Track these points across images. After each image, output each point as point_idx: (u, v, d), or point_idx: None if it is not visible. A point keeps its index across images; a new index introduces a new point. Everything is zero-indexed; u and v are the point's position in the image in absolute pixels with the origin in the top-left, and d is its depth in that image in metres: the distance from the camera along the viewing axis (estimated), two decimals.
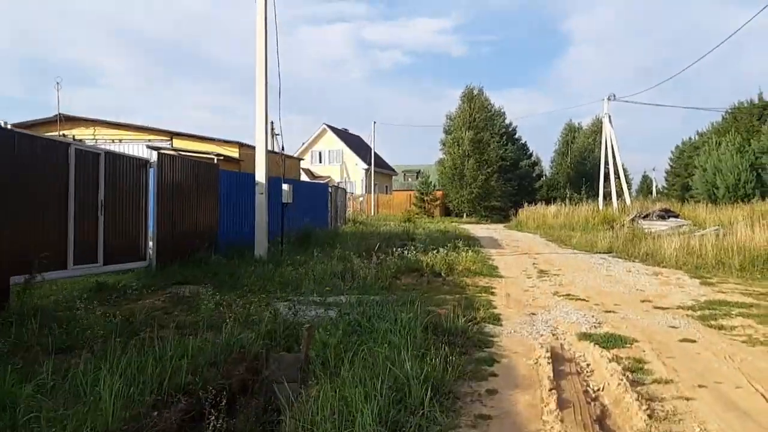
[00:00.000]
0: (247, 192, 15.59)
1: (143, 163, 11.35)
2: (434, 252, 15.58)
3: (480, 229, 36.18)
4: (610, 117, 41.92)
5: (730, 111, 53.80)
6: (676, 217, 30.30)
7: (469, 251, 16.86)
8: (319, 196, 26.39)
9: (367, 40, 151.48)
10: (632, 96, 63.39)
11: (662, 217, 29.83)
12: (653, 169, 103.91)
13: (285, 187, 15.67)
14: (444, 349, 6.08)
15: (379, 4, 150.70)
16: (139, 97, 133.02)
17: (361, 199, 58.11)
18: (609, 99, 41.90)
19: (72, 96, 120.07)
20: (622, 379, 5.48)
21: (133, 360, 5.23)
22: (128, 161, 10.87)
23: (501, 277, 13.77)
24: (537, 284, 12.69)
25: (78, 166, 9.31)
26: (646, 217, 31.37)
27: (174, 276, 11.14)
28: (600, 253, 20.46)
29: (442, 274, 13.23)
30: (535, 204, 45.45)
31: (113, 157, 10.38)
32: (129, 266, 10.91)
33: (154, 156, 11.59)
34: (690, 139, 76.65)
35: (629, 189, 46.70)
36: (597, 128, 73.79)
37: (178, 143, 21.04)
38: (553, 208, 41.22)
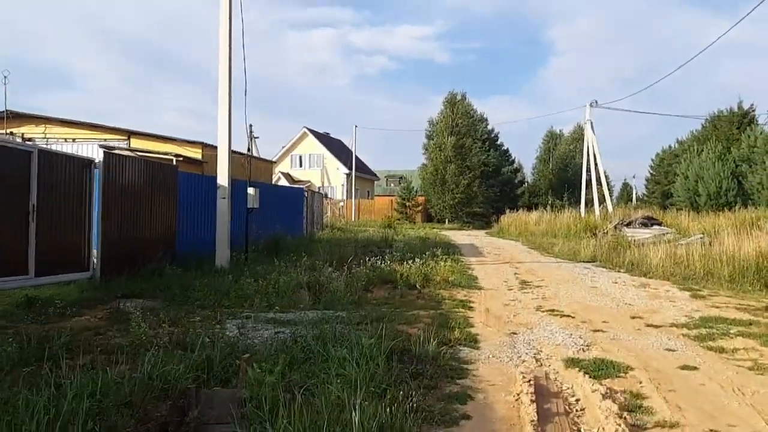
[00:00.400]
0: (209, 196, 14.56)
1: (86, 163, 10.27)
2: (411, 261, 14.66)
3: (461, 236, 35.35)
4: (592, 123, 41.45)
5: (710, 119, 53.61)
6: (659, 224, 29.69)
7: (448, 260, 15.98)
8: (294, 202, 25.38)
9: (352, 45, 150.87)
10: (614, 102, 63.18)
11: (645, 225, 29.21)
12: (633, 177, 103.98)
13: (250, 191, 14.67)
14: (409, 383, 5.14)
15: (364, 10, 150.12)
16: (119, 100, 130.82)
17: (341, 204, 57.10)
18: (591, 105, 41.45)
19: (47, 98, 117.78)
20: (619, 424, 4.56)
21: (11, 402, 4.18)
22: (68, 161, 9.79)
23: (481, 288, 12.86)
24: (519, 297, 11.80)
25: (3, 165, 8.24)
26: (629, 224, 30.73)
27: (120, 289, 10.07)
28: (583, 262, 19.68)
29: (418, 286, 12.30)
30: (517, 210, 44.74)
31: (49, 156, 9.31)
32: (69, 278, 9.83)
33: (99, 155, 10.51)
34: (670, 147, 76.47)
35: (611, 196, 46.19)
36: (578, 135, 73.56)
37: (136, 143, 19.86)
38: (535, 214, 40.51)
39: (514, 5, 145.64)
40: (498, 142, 63.44)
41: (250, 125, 59.40)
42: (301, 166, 64.48)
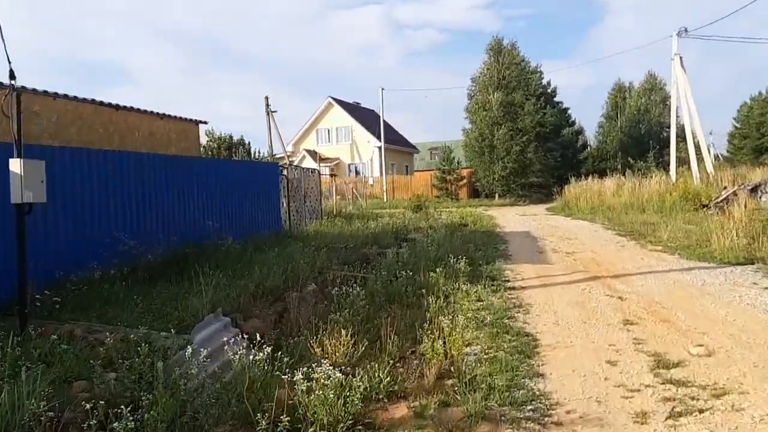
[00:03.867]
0: None
1: None
2: (406, 282, 6.59)
3: (514, 217, 26.48)
4: (681, 59, 31.56)
5: None
6: None
7: (479, 283, 7.64)
8: (263, 184, 17.22)
9: (399, 20, 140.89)
10: (705, 28, 50.29)
11: None
12: (710, 133, 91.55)
13: (15, 166, 6.54)
14: None
15: None
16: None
17: (371, 182, 48.71)
18: (679, 35, 31.57)
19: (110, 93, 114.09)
20: None
21: None
22: None
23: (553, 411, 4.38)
24: None
25: None
26: (753, 190, 21.40)
27: None
28: (734, 264, 10.86)
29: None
30: (585, 178, 35.40)
31: None
32: None
33: None
34: (760, 93, 65.20)
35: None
36: (652, 85, 62.98)
37: None
38: (610, 181, 31.18)
39: None
40: (555, 99, 53.73)
41: (266, 97, 51.83)
42: (328, 140, 56.35)
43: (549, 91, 52.38)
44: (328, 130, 56.46)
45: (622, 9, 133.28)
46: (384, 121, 55.10)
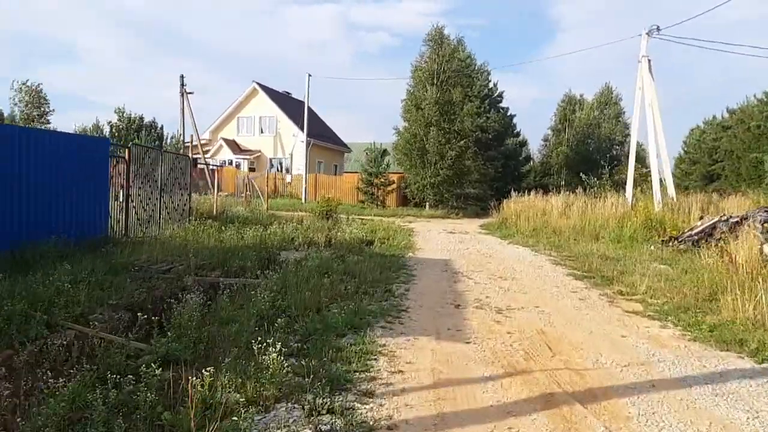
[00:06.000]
0: None
1: None
2: None
3: (439, 234, 21.44)
4: (650, 62, 27.27)
5: None
6: None
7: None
8: (77, 166, 11.60)
9: (354, 22, 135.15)
10: (677, 26, 46.39)
11: None
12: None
13: None
14: None
15: None
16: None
17: (289, 179, 43.17)
18: (649, 34, 27.27)
19: (52, 71, 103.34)
20: None
21: None
22: None
23: None
24: None
25: None
26: (738, 224, 16.99)
27: None
28: None
29: None
30: (528, 193, 30.76)
31: None
32: None
33: None
34: (714, 117, 62.67)
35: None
36: (607, 99, 59.56)
37: None
38: (557, 199, 26.56)
39: None
40: (501, 105, 49.25)
41: (182, 76, 45.46)
42: (250, 131, 50.36)
43: (495, 95, 47.88)
44: (251, 119, 50.45)
45: (575, 25, 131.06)
46: (312, 112, 49.39)
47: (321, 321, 6.42)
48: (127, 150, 13.56)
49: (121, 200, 13.16)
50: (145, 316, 6.09)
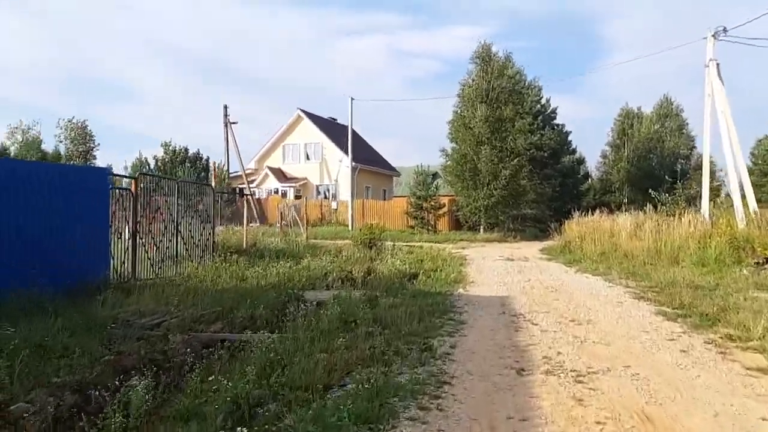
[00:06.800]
0: None
1: None
2: None
3: (495, 261, 19.24)
4: (718, 66, 24.64)
5: None
6: None
7: None
8: (70, 201, 10.10)
9: (401, 50, 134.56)
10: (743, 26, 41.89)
11: None
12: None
13: None
14: None
15: (415, 13, 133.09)
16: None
17: (334, 205, 41.57)
18: (715, 36, 24.71)
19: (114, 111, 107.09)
20: None
21: None
22: None
23: None
24: None
25: None
26: None
27: None
28: None
29: None
30: (588, 212, 28.09)
31: None
32: None
33: None
34: None
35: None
36: (667, 111, 56.22)
37: None
38: (625, 219, 23.92)
39: (567, 3, 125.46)
40: (555, 121, 46.65)
41: (225, 106, 44.78)
42: (293, 159, 49.23)
43: (548, 111, 45.39)
44: (296, 147, 49.33)
45: (629, 45, 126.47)
46: (358, 136, 48.05)
47: (318, 419, 4.38)
48: (133, 181, 12.02)
49: (127, 238, 11.58)
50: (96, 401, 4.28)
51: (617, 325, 8.70)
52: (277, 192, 46.12)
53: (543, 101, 44.79)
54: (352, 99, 39.13)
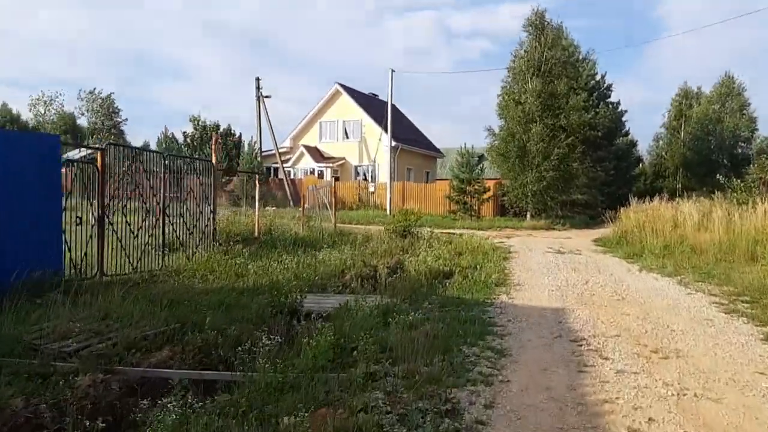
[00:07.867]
0: None
1: None
2: None
3: (544, 255, 17.04)
4: None
5: None
6: None
7: None
8: (5, 178, 8.37)
9: (451, 29, 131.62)
10: None
11: None
12: None
13: None
14: None
15: None
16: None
17: (371, 188, 39.61)
18: None
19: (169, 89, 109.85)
20: None
21: None
22: None
23: None
24: None
25: None
26: None
27: None
28: None
29: None
30: (640, 199, 25.36)
31: None
32: None
33: None
34: None
35: None
36: (728, 90, 52.36)
37: None
38: (689, 206, 21.30)
39: None
40: (610, 99, 43.55)
41: (257, 78, 42.99)
42: (331, 137, 47.17)
43: (603, 87, 42.34)
44: (334, 124, 47.26)
45: (682, 24, 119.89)
46: (400, 114, 45.73)
47: None
48: (99, 153, 10.12)
49: (92, 224, 9.75)
50: None
51: (717, 358, 6.52)
52: (313, 172, 44.29)
53: (597, 77, 41.78)
54: (392, 71, 36.82)
